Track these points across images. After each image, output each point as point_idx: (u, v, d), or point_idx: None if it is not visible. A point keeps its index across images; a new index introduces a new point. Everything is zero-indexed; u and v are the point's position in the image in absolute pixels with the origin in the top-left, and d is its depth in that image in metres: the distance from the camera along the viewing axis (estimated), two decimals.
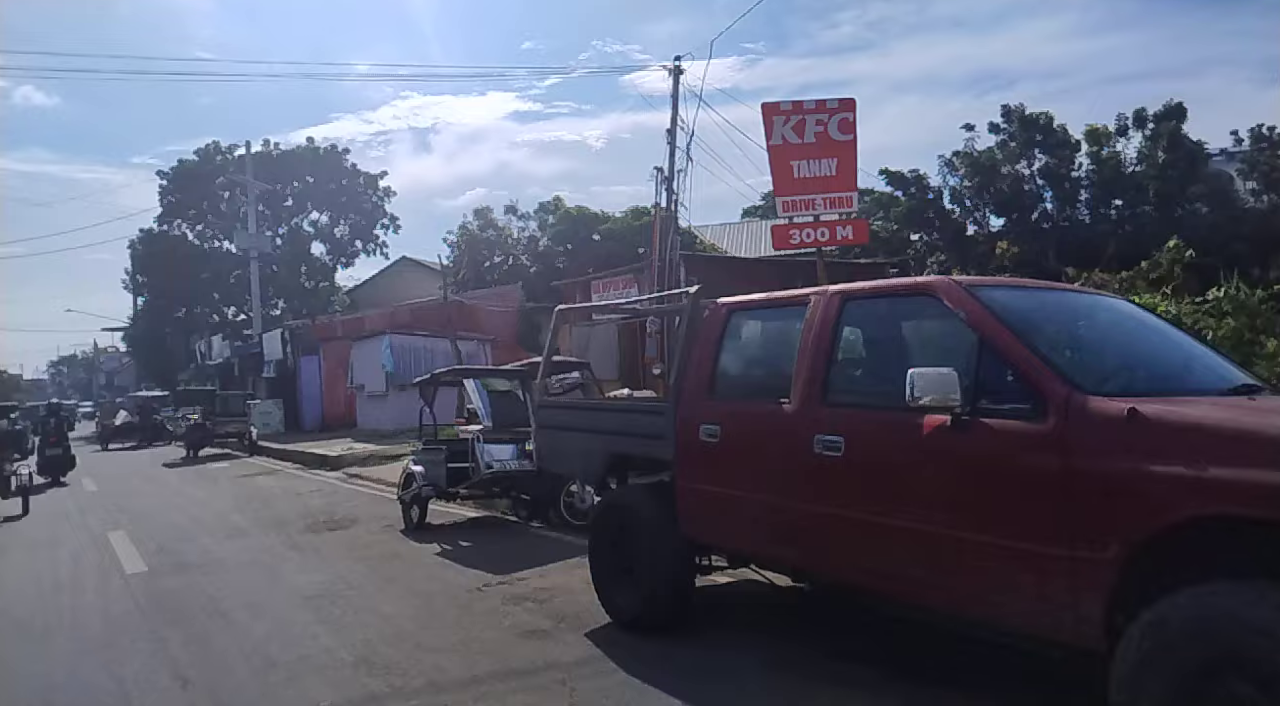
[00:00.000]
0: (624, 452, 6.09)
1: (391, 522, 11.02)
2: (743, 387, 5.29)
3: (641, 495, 5.71)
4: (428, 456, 10.54)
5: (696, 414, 5.24)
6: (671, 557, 5.44)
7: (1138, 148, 34.82)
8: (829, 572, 4.47)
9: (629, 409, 6.52)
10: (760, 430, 4.80)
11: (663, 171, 14.11)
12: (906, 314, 4.38)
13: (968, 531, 3.55)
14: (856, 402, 4.29)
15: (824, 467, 4.28)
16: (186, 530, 11.86)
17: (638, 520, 5.60)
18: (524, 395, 10.35)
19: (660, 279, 13.99)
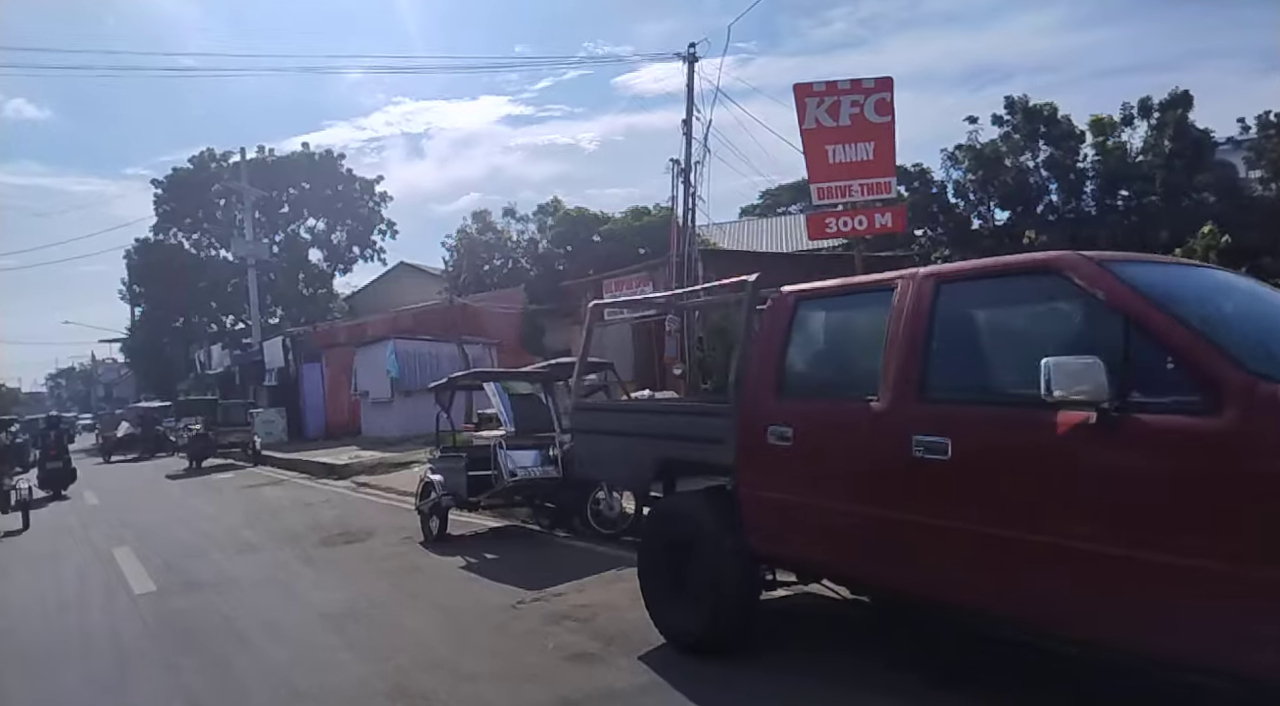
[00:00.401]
0: (675, 458, 5.60)
1: (409, 534, 10.52)
2: (817, 385, 4.79)
3: (699, 504, 5.21)
4: (446, 464, 10.04)
5: (762, 415, 4.75)
6: (736, 573, 4.94)
7: (1143, 137, 34.40)
8: (928, 592, 3.97)
9: (681, 410, 6.01)
10: (842, 431, 4.31)
11: (679, 164, 13.61)
12: (1021, 296, 3.84)
13: (1120, 548, 3.06)
14: (964, 399, 3.79)
15: (924, 472, 3.79)
16: (194, 545, 11.35)
17: (696, 532, 5.10)
18: (547, 398, 9.85)
19: (679, 275, 13.50)
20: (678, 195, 13.62)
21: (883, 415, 4.03)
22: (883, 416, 4.03)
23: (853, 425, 4.22)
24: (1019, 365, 3.28)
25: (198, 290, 45.91)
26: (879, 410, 4.06)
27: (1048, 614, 3.45)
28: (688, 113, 13.77)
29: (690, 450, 5.41)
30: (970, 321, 4.08)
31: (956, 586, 3.82)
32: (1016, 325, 3.97)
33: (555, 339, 32.41)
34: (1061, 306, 3.64)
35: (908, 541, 3.93)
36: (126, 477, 23.47)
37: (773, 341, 4.85)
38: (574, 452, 6.58)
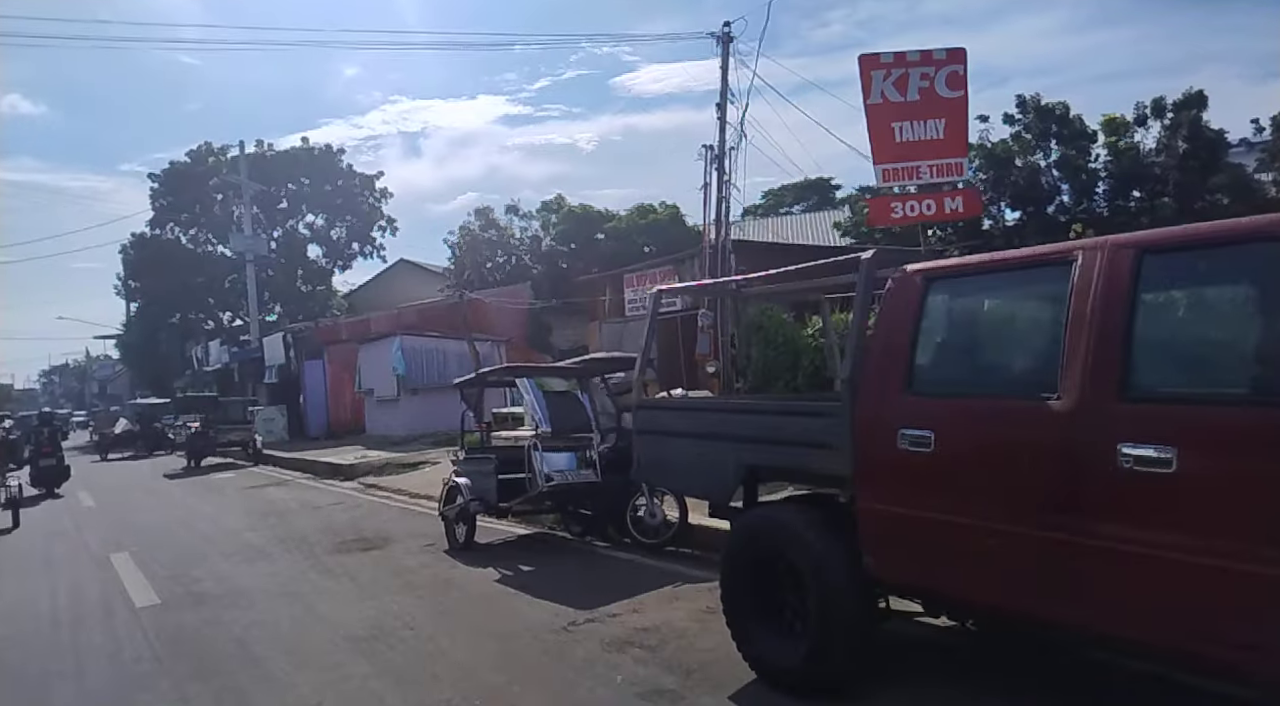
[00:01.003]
0: (764, 465, 4.85)
1: (431, 541, 9.74)
2: (962, 380, 4.02)
3: (804, 519, 4.44)
4: (474, 467, 9.27)
5: (889, 415, 3.99)
6: (851, 601, 4.19)
7: (1156, 138, 33.80)
8: (1131, 633, 3.21)
9: (775, 410, 5.23)
10: (1007, 437, 3.56)
11: (712, 149, 12.83)
12: (1253, 268, 3.06)
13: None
14: (1188, 397, 3.03)
15: (1134, 489, 3.04)
16: (198, 551, 10.55)
17: (803, 552, 4.34)
18: (583, 396, 9.08)
19: (712, 267, 12.75)
20: (711, 182, 12.86)
21: (1069, 417, 3.27)
22: (1069, 418, 3.27)
23: (1023, 429, 3.47)
24: (1257, 355, 2.55)
25: (195, 286, 44.92)
26: (1062, 410, 3.30)
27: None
28: (721, 97, 13.03)
29: (785, 456, 4.66)
30: (1187, 301, 3.33)
31: (1171, 630, 3.06)
32: (1249, 305, 3.19)
33: (562, 337, 31.65)
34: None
35: (1104, 572, 3.18)
36: (123, 476, 22.60)
37: (898, 329, 4.09)
38: (635, 456, 5.80)
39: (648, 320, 6.01)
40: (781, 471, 4.79)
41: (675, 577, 7.21)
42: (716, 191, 12.83)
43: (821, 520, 4.41)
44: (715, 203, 12.93)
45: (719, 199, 12.84)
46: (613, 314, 17.94)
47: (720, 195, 12.78)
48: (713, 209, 13.02)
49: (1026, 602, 3.57)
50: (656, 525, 8.64)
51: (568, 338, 31.87)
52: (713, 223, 13.20)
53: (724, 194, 12.74)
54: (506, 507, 8.93)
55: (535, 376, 9.03)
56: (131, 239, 46.45)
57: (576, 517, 9.49)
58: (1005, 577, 3.58)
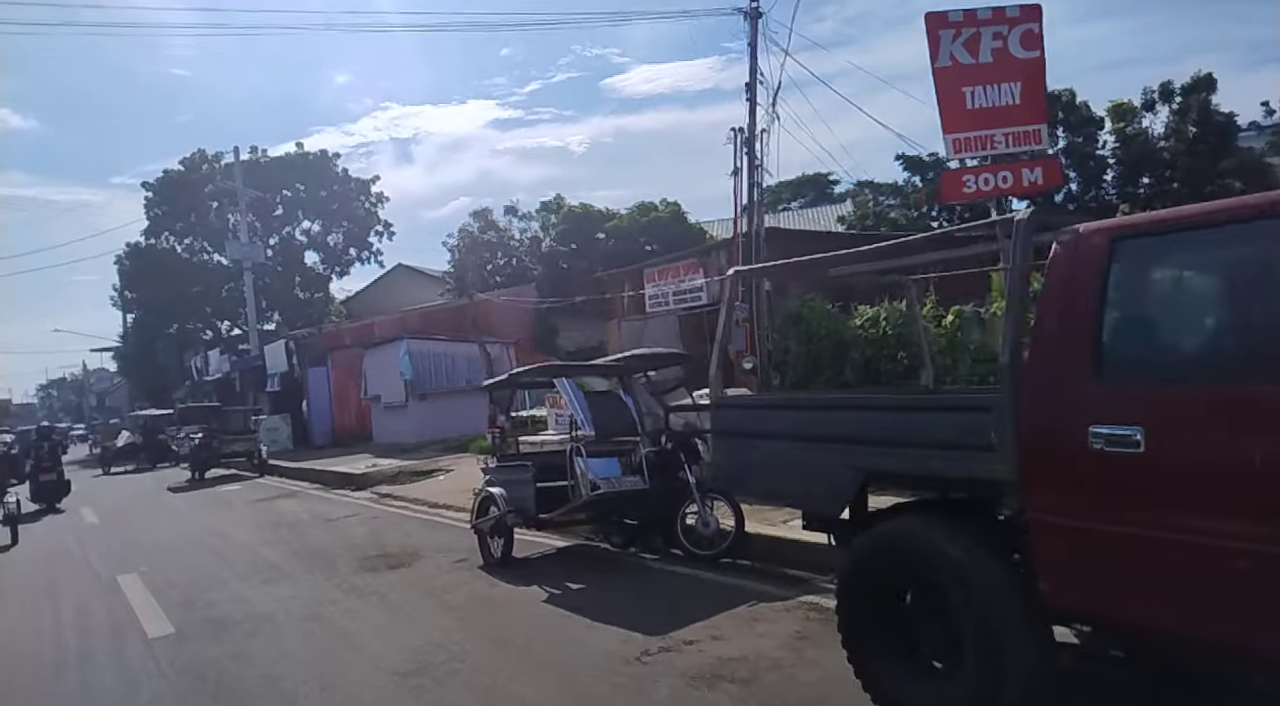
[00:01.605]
0: (891, 470, 4.12)
1: (463, 556, 8.99)
2: (1185, 361, 3.28)
3: (953, 537, 3.70)
4: (509, 475, 8.53)
5: (1073, 408, 3.26)
6: (1024, 637, 3.46)
7: (1165, 123, 33.21)
8: None
9: (909, 405, 4.49)
10: (1260, 431, 2.83)
11: (742, 132, 12.08)
12: None
13: None
14: None
15: None
16: (212, 571, 9.78)
17: (953, 576, 3.61)
18: (626, 396, 8.34)
19: (745, 256, 12.01)
20: (741, 167, 12.11)
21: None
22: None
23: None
24: None
25: (191, 295, 43.99)
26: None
27: None
28: (750, 76, 12.29)
29: (918, 460, 3.92)
30: None
31: None
32: None
33: (569, 338, 30.87)
34: None
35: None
36: (126, 491, 21.79)
37: (1077, 303, 3.36)
38: (714, 462, 5.07)
39: (724, 307, 5.27)
40: (911, 478, 4.07)
41: (746, 595, 6.48)
42: (748, 177, 12.10)
43: (974, 537, 3.68)
44: (746, 189, 12.20)
45: (750, 185, 12.11)
46: (632, 311, 17.18)
47: (752, 181, 12.05)
48: (744, 195, 12.29)
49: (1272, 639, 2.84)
50: (710, 535, 7.91)
51: (575, 338, 31.08)
52: (744, 209, 12.45)
53: (756, 179, 12.02)
54: (547, 519, 8.18)
55: (575, 376, 8.28)
56: (127, 249, 45.55)
57: (619, 527, 8.75)
58: (1253, 609, 2.85)
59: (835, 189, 58.78)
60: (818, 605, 6.01)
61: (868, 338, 9.82)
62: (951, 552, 3.65)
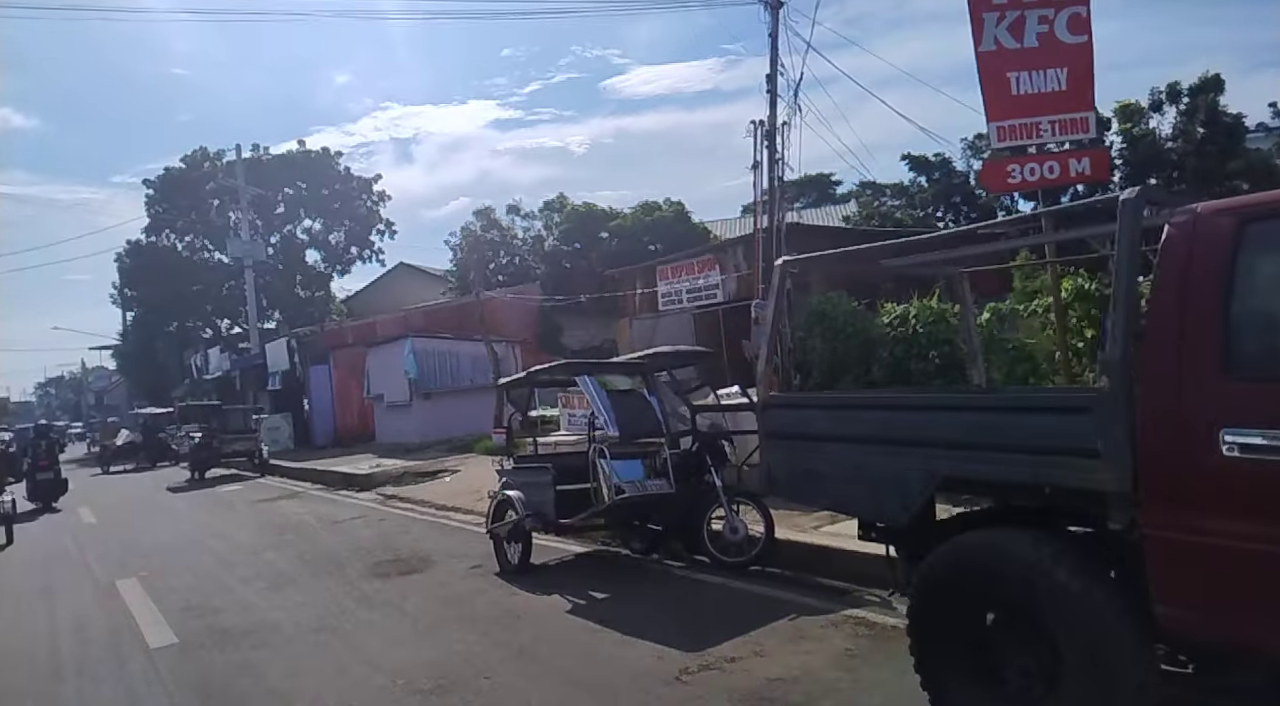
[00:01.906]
0: (974, 477, 3.73)
1: (478, 561, 8.59)
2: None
3: (1052, 552, 3.31)
4: (527, 478, 8.13)
5: (1201, 409, 2.88)
6: (1135, 666, 3.07)
7: (1172, 123, 32.91)
8: None
9: (998, 404, 4.07)
10: None
11: (762, 125, 11.68)
12: None
13: None
14: None
15: None
16: (214, 575, 9.38)
17: (1058, 598, 3.21)
18: (650, 395, 7.94)
19: (766, 252, 11.60)
20: (761, 161, 11.71)
21: None
22: None
23: None
24: None
25: (191, 294, 43.57)
26: None
27: None
28: (771, 66, 11.86)
29: (1007, 466, 3.53)
30: None
31: None
32: None
33: (574, 337, 30.47)
34: None
35: None
36: (125, 490, 21.35)
37: (1200, 292, 2.98)
38: (766, 467, 4.67)
39: (773, 298, 4.87)
40: (999, 485, 3.67)
41: (785, 607, 6.08)
42: (768, 171, 11.70)
43: (1076, 554, 3.29)
44: (767, 183, 11.79)
45: (771, 178, 11.71)
46: (644, 309, 16.77)
47: (772, 175, 11.65)
48: (764, 190, 11.87)
49: None
50: (739, 541, 7.52)
51: (579, 337, 30.68)
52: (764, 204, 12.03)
53: (777, 173, 11.62)
54: (567, 524, 7.78)
55: (596, 373, 7.88)
56: (127, 246, 45.12)
57: (640, 533, 8.34)
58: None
59: (837, 189, 58.70)
60: (865, 620, 5.62)
61: (896, 336, 9.43)
62: (1050, 572, 3.25)
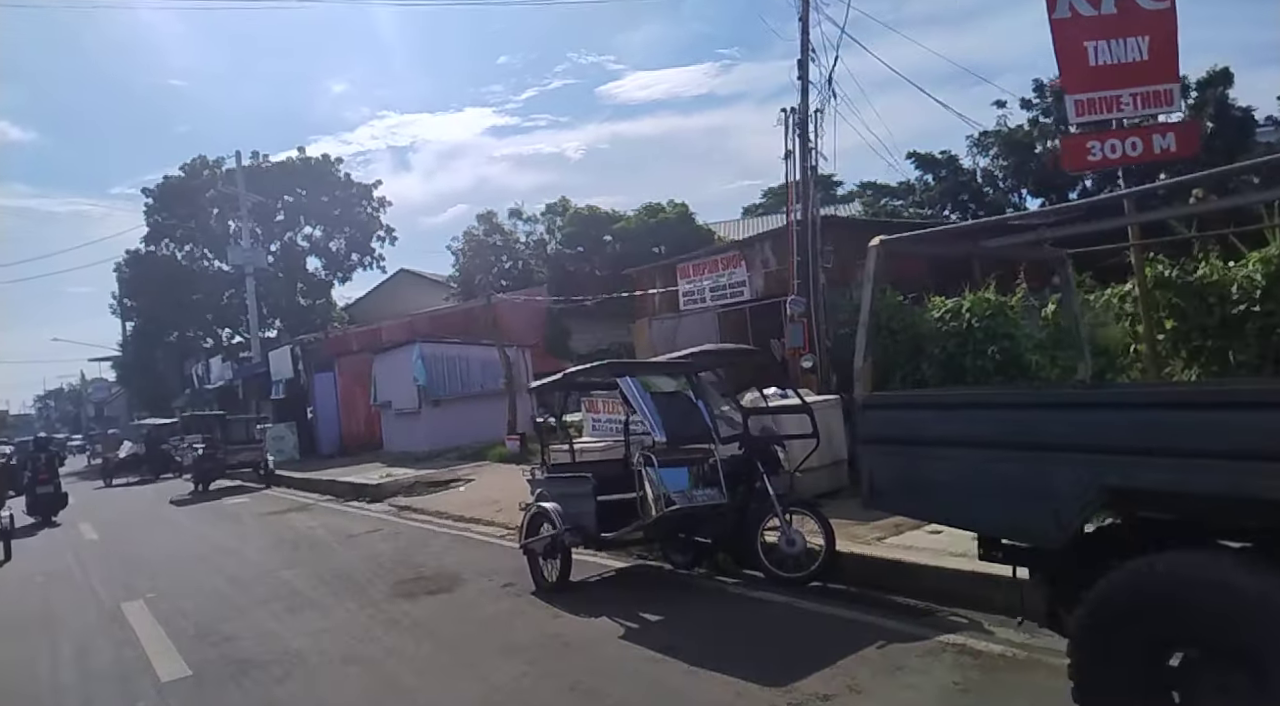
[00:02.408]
0: (1159, 488, 3.10)
1: (509, 579, 7.96)
2: None
3: (1275, 584, 2.68)
4: (564, 488, 7.49)
5: None
6: None
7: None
8: None
9: (1183, 400, 3.42)
10: None
11: (794, 113, 11.04)
12: None
13: None
14: None
15: None
16: (226, 597, 8.73)
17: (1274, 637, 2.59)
18: (697, 398, 7.31)
19: (800, 245, 10.96)
20: (794, 150, 11.04)
21: None
22: None
23: None
24: None
25: (191, 303, 42.86)
26: None
27: None
28: (802, 51, 11.21)
29: (1194, 474, 2.91)
30: None
31: None
32: None
33: (582, 340, 29.85)
34: None
35: None
36: (127, 504, 20.66)
37: None
38: (867, 477, 4.05)
39: (867, 284, 4.24)
40: (1187, 499, 3.04)
41: (868, 632, 5.44)
42: (800, 160, 11.06)
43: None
44: (800, 173, 11.16)
45: (804, 168, 11.08)
46: (664, 309, 16.10)
47: (805, 164, 11.02)
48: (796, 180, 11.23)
49: None
50: (796, 554, 6.90)
51: (587, 341, 30.05)
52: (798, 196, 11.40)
53: (812, 163, 11.00)
54: (610, 538, 7.13)
55: (638, 374, 7.23)
56: (126, 256, 44.42)
57: (684, 546, 7.71)
58: None
59: (838, 190, 58.04)
60: (966, 647, 4.99)
61: (949, 330, 8.81)
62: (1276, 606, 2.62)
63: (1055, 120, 33.10)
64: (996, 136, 33.65)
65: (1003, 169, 34.34)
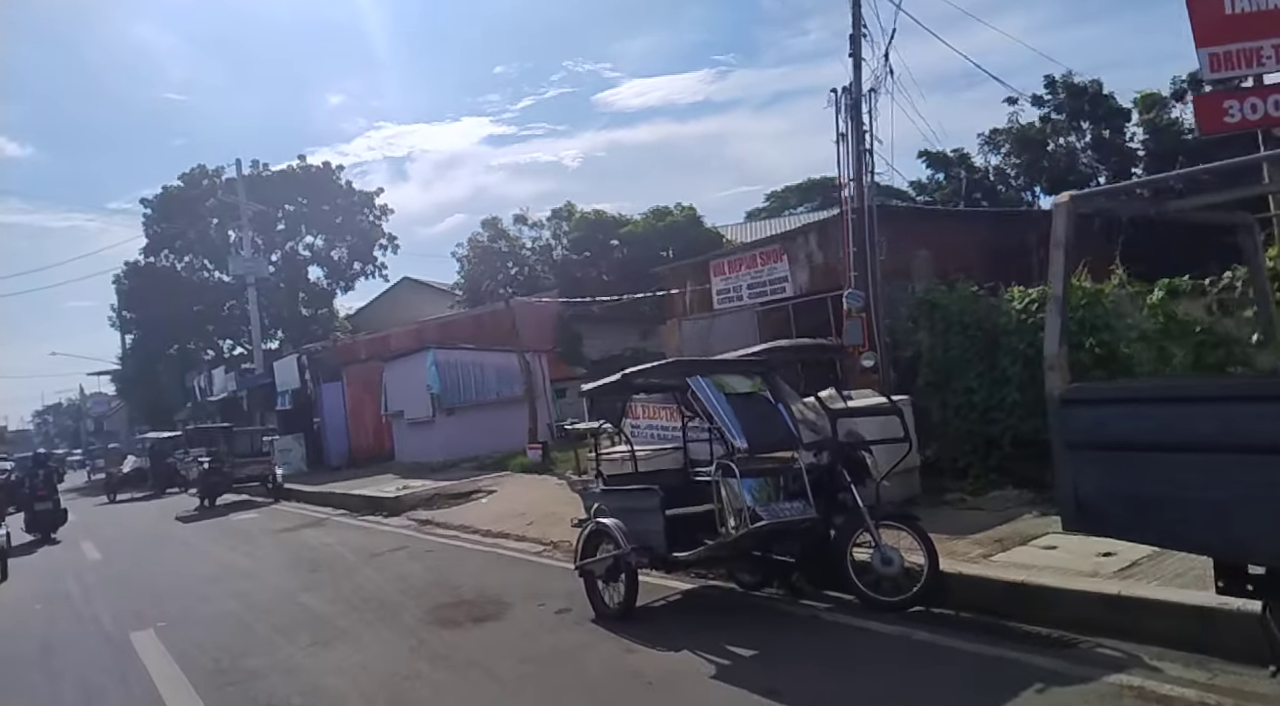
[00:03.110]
0: None
1: (563, 603, 7.11)
2: None
3: None
4: (626, 502, 6.65)
5: None
6: None
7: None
8: None
9: None
10: None
11: (848, 93, 10.17)
12: None
13: None
14: None
15: None
16: (245, 625, 7.88)
17: None
18: (776, 400, 6.47)
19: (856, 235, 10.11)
20: (848, 132, 10.16)
21: None
22: None
23: None
24: None
25: (192, 314, 41.87)
26: None
27: None
28: (855, 26, 10.38)
29: None
30: None
31: None
32: None
33: (593, 346, 29.02)
34: None
35: None
36: (131, 521, 19.72)
37: None
38: (1071, 489, 3.22)
39: (1058, 251, 3.41)
40: None
41: (1013, 671, 4.60)
42: (854, 143, 10.20)
43: None
44: (853, 157, 10.31)
45: (858, 152, 10.23)
46: (697, 309, 15.18)
47: (860, 147, 10.17)
48: (850, 165, 10.38)
49: None
50: (894, 575, 6.06)
51: (599, 347, 29.23)
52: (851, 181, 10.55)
53: (865, 146, 10.14)
54: (683, 558, 6.28)
55: (711, 373, 6.39)
56: (125, 267, 43.43)
57: (755, 564, 6.85)
58: None
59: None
60: (1145, 690, 4.15)
61: (1036, 323, 7.98)
62: None
63: (1067, 117, 32.51)
64: (1008, 134, 32.97)
65: (1015, 166, 33.67)
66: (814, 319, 12.23)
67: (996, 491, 8.15)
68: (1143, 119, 32.50)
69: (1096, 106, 32.61)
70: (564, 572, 8.48)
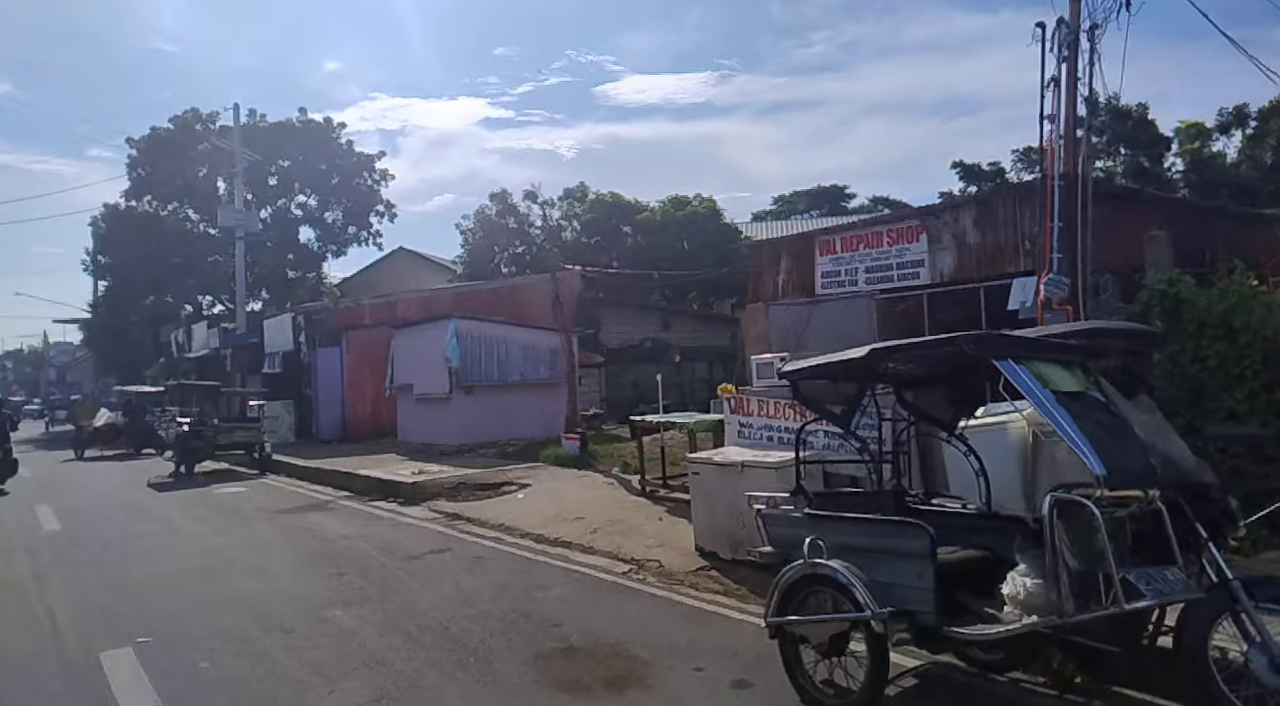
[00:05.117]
0: None
1: (731, 670, 4.93)
2: None
3: None
4: (859, 538, 4.45)
5: None
6: None
7: (1238, 147, 30.44)
8: None
9: None
10: None
11: (1064, 25, 7.95)
12: None
13: None
14: None
15: None
16: (269, 657, 5.62)
17: None
18: (1109, 406, 4.29)
19: (1063, 207, 7.97)
20: (1060, 78, 7.94)
21: None
22: None
23: None
24: None
25: (172, 266, 38.65)
26: None
27: None
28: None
29: None
30: None
31: None
32: None
33: (612, 334, 26.80)
34: None
35: None
36: (98, 484, 17.06)
37: None
38: None
39: None
40: None
41: None
42: (1068, 92, 8.02)
43: None
44: (1065, 108, 8.13)
45: (1070, 103, 8.05)
46: (792, 293, 12.80)
47: (1073, 97, 7.98)
48: (1063, 117, 8.21)
49: None
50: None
51: (617, 336, 27.02)
52: (1059, 141, 8.39)
53: (1084, 93, 7.95)
54: (962, 636, 4.11)
55: (1026, 360, 4.18)
56: (104, 210, 40.21)
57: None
58: None
59: (850, 202, 55.48)
60: None
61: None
62: None
63: (1107, 140, 30.90)
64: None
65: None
66: (957, 313, 10.00)
67: (1273, 553, 6.10)
68: (1184, 149, 30.99)
69: (1140, 132, 31.03)
70: (695, 613, 6.32)
